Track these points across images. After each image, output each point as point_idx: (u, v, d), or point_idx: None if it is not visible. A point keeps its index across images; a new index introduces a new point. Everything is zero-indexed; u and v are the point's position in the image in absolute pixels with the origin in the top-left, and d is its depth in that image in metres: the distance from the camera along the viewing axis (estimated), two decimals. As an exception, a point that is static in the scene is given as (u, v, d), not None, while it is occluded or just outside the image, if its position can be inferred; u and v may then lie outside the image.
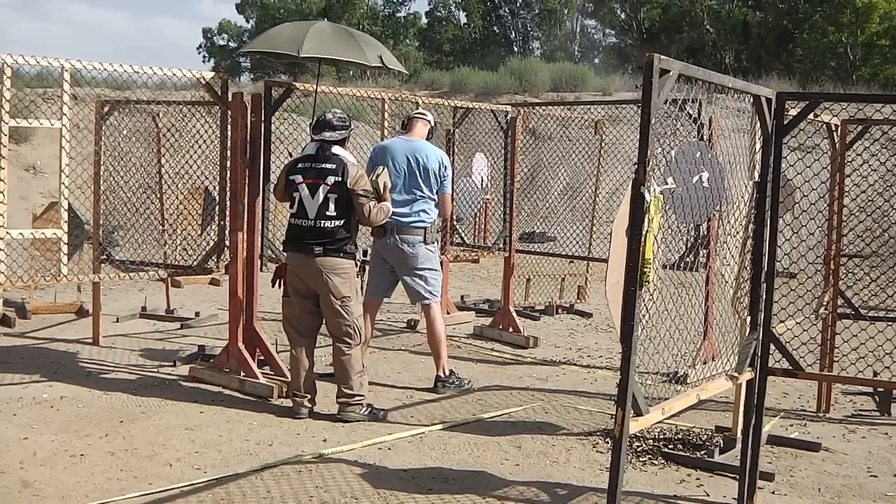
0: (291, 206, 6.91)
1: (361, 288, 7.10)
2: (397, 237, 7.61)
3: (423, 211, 7.73)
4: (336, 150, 6.88)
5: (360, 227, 7.06)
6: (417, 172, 7.73)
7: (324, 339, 7.24)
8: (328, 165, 6.79)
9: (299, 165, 6.90)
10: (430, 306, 7.93)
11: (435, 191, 7.84)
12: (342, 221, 6.81)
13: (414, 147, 7.83)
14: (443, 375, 7.89)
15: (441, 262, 10.46)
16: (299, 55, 8.23)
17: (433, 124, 8.12)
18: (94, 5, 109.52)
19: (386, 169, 7.26)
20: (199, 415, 6.90)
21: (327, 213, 6.76)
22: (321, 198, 6.75)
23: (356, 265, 6.97)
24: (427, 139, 8.05)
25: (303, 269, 6.85)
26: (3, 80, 6.55)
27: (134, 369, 8.27)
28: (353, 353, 6.90)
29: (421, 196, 7.71)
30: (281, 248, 7.67)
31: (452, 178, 10.01)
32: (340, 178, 6.75)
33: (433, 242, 7.86)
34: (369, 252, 7.19)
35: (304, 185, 6.81)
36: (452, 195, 9.93)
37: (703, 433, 6.63)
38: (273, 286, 7.19)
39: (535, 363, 9.18)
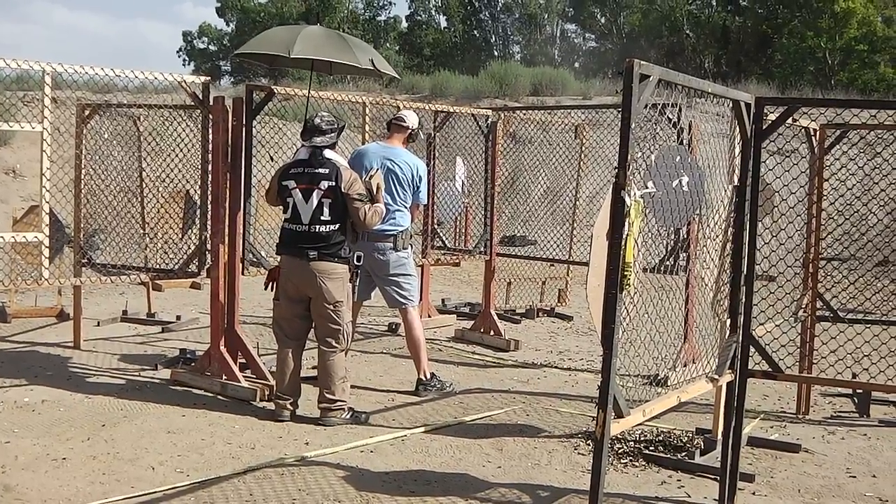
0: (285, 211, 6.89)
1: (353, 292, 7.10)
2: (368, 244, 7.59)
3: (393, 218, 7.72)
4: (328, 154, 6.88)
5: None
6: (390, 180, 7.73)
7: (308, 343, 7.24)
8: (321, 170, 6.79)
9: (292, 171, 6.89)
10: (407, 310, 7.96)
11: (408, 199, 7.85)
12: (336, 226, 6.80)
13: (389, 154, 7.85)
14: (424, 378, 7.91)
15: (422, 266, 10.54)
16: (289, 56, 8.24)
17: (413, 127, 8.07)
18: (74, 8, 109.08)
19: (379, 170, 7.27)
20: (181, 418, 6.90)
21: (322, 218, 6.76)
22: (315, 203, 6.75)
23: (349, 270, 6.97)
24: (409, 141, 8.07)
25: (297, 273, 6.85)
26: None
27: (115, 373, 8.25)
28: (337, 357, 6.90)
29: (392, 204, 7.70)
30: (265, 252, 7.68)
31: (433, 182, 10.08)
32: (334, 183, 6.75)
33: (405, 248, 7.87)
34: (363, 257, 7.18)
35: (297, 190, 6.79)
36: (432, 201, 9.99)
37: (684, 435, 6.67)
38: (266, 289, 7.18)
39: (516, 366, 9.20)
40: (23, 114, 7.83)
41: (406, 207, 7.86)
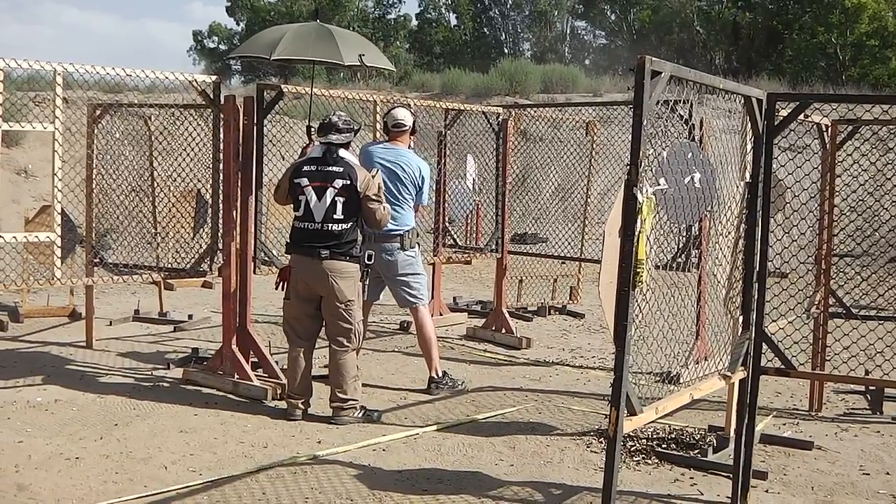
0: (297, 209, 6.88)
1: (363, 291, 7.09)
2: (375, 245, 7.55)
3: (399, 218, 7.69)
4: (342, 153, 6.88)
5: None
6: (394, 180, 7.72)
7: (319, 341, 7.25)
8: (336, 169, 6.79)
9: (305, 168, 6.88)
10: (417, 309, 7.96)
11: (413, 198, 7.83)
12: (349, 224, 6.80)
13: (393, 155, 7.82)
14: (436, 376, 7.91)
15: (433, 264, 10.54)
16: (270, 59, 8.23)
17: (411, 125, 8.01)
18: (84, 8, 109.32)
19: (379, 171, 7.25)
20: (193, 417, 6.91)
21: (335, 217, 6.75)
22: (328, 201, 6.74)
23: (360, 269, 6.97)
24: (412, 135, 8.05)
25: (308, 272, 6.84)
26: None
27: (128, 372, 8.27)
28: (349, 356, 6.90)
29: (396, 204, 7.68)
30: (276, 251, 7.67)
31: (444, 180, 10.10)
32: (349, 182, 6.75)
33: (412, 247, 7.86)
34: (374, 256, 7.18)
35: (310, 187, 6.78)
36: (443, 199, 10.01)
37: (697, 432, 6.65)
38: (276, 288, 7.18)
39: (528, 364, 9.20)
40: (34, 114, 7.86)
41: (411, 207, 7.86)
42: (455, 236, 11.08)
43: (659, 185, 4.37)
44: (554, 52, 46.38)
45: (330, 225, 6.75)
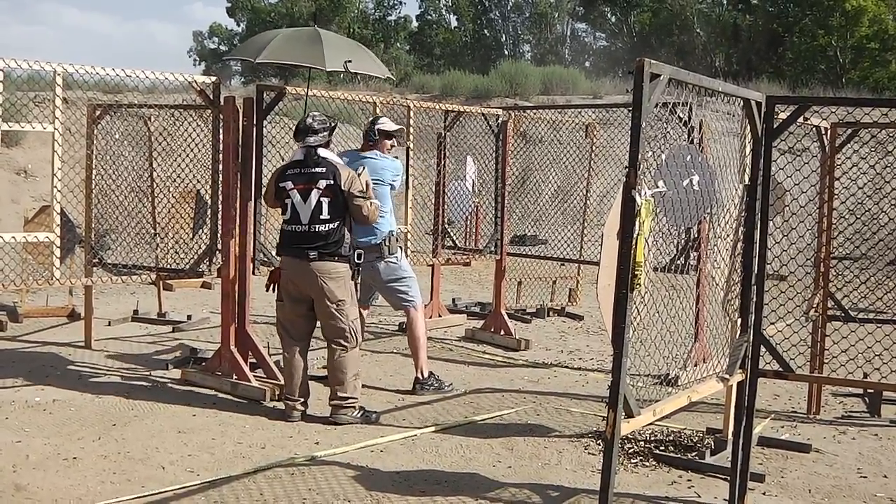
0: (284, 213, 6.90)
1: (356, 290, 7.08)
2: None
3: (374, 226, 7.50)
4: (323, 153, 6.90)
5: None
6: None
7: (317, 343, 7.26)
8: (318, 170, 6.81)
9: (288, 172, 6.91)
10: (409, 310, 7.97)
11: (388, 203, 7.70)
12: (336, 224, 6.81)
13: (363, 163, 7.68)
14: (421, 377, 7.91)
15: (432, 266, 10.54)
16: (254, 62, 8.24)
17: (392, 130, 7.89)
18: (85, 9, 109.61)
19: (365, 168, 7.21)
20: (191, 418, 6.91)
21: (321, 217, 6.77)
22: (314, 202, 6.76)
23: (350, 268, 6.96)
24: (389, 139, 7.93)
25: (297, 273, 6.85)
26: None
27: (126, 372, 8.27)
28: (347, 356, 6.90)
29: None
30: (273, 253, 7.67)
31: (443, 182, 10.11)
32: (333, 182, 6.77)
33: (393, 253, 7.80)
34: (363, 255, 7.16)
35: (295, 190, 6.81)
36: (443, 201, 10.01)
37: (695, 435, 6.65)
38: (267, 291, 7.19)
39: (526, 366, 9.19)
40: (34, 114, 7.85)
41: (388, 213, 7.74)
42: (454, 238, 11.08)
43: (658, 187, 4.38)
44: (554, 53, 46.45)
45: (317, 226, 6.77)
